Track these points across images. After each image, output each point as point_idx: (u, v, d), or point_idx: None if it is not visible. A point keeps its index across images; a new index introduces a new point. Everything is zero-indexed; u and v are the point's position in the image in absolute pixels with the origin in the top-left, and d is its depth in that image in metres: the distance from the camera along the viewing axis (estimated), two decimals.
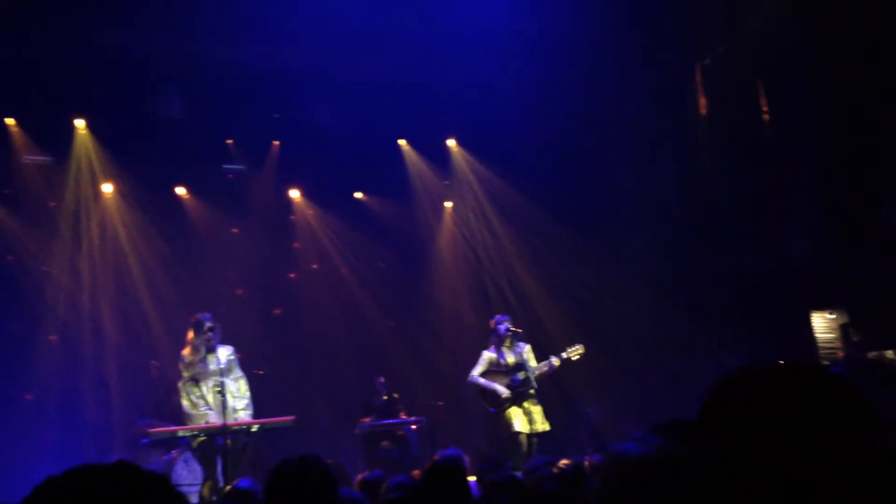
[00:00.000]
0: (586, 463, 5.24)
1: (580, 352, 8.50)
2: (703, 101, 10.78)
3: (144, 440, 7.89)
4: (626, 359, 10.95)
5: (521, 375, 8.19)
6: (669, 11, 9.99)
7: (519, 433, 8.07)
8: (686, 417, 2.81)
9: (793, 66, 9.78)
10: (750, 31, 10.09)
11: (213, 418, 7.50)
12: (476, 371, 8.31)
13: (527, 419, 8.12)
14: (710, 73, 10.75)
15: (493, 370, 8.29)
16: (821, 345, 9.69)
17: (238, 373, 7.87)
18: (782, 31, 9.70)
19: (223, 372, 7.56)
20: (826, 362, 9.33)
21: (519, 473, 4.87)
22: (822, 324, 9.80)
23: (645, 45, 10.41)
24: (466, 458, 4.50)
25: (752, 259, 10.26)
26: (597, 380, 10.44)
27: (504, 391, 8.16)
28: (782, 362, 1.29)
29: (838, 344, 9.61)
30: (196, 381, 7.67)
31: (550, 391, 9.41)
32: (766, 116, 10.09)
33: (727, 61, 10.50)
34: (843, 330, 9.53)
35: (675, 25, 10.21)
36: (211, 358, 7.66)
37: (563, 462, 3.77)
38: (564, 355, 8.43)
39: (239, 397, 7.72)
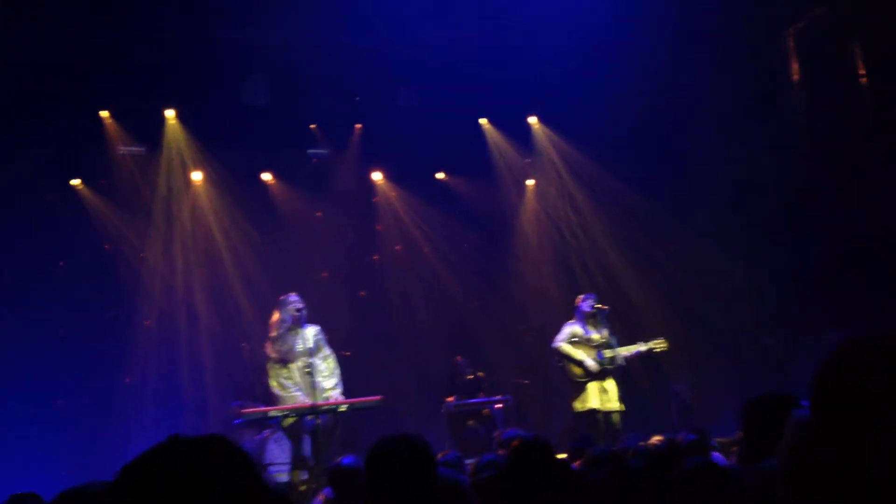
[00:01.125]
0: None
1: (664, 346, 8.40)
2: (795, 67, 10.35)
3: (237, 420, 8.09)
4: (717, 335, 10.69)
5: (606, 353, 8.08)
6: None
7: (595, 410, 7.97)
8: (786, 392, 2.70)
9: (893, 28, 9.27)
10: None
11: (302, 399, 7.61)
12: (560, 338, 8.22)
13: (605, 397, 8.02)
14: (803, 37, 10.30)
15: (577, 342, 8.19)
16: None
17: (326, 351, 7.96)
18: None
19: (311, 352, 7.67)
20: None
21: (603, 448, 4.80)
22: None
23: (732, 10, 10.04)
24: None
25: (849, 231, 9.84)
26: (687, 357, 10.21)
27: (592, 363, 8.06)
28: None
29: None
30: (284, 361, 7.79)
31: (639, 368, 9.26)
32: (864, 81, 9.61)
33: (822, 24, 10.04)
34: None
35: None
36: (298, 336, 7.77)
37: (656, 438, 3.68)
38: (648, 346, 8.32)
39: (328, 376, 7.82)
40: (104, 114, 10.46)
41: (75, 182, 10.68)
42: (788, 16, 10.36)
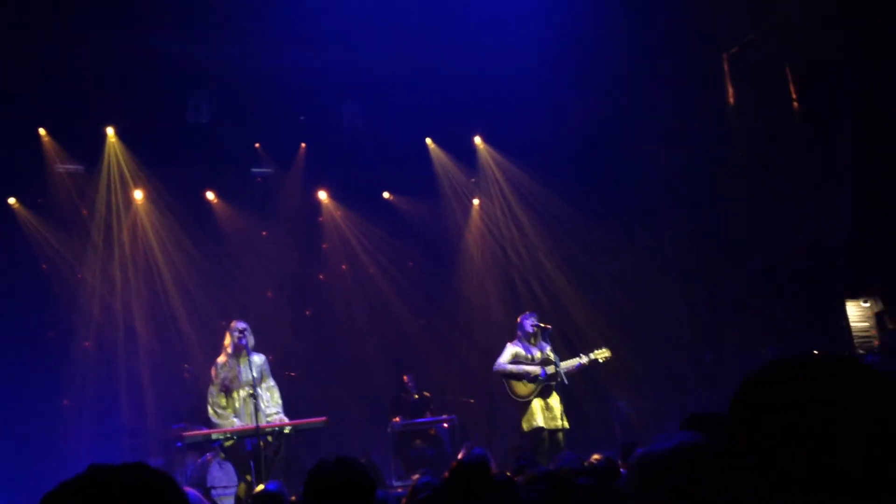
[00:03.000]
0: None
1: (607, 355, 8.50)
2: (731, 90, 10.65)
3: (179, 444, 7.95)
4: (657, 351, 10.87)
5: (549, 369, 8.16)
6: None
7: (542, 428, 8.03)
8: (717, 411, 2.78)
9: (822, 52, 9.62)
10: (777, 17, 9.95)
11: (238, 424, 7.52)
12: (502, 359, 8.28)
13: (549, 415, 8.09)
14: (737, 61, 10.61)
15: (519, 362, 8.26)
16: (856, 333, 9.52)
17: (270, 382, 7.89)
18: (810, 17, 9.55)
19: (255, 381, 7.58)
20: (861, 351, 9.18)
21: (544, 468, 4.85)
22: (856, 312, 9.63)
23: (671, 35, 10.30)
24: (491, 460, 4.46)
25: (785, 248, 10.13)
26: (627, 373, 10.37)
27: (534, 369, 8.12)
28: (816, 353, 1.27)
29: (873, 332, 9.45)
30: (227, 389, 7.67)
31: (580, 384, 9.37)
32: (795, 104, 9.94)
33: (755, 49, 10.36)
34: (879, 318, 9.37)
35: (701, 14, 10.10)
36: (244, 365, 7.67)
37: (595, 457, 3.73)
38: (592, 356, 8.41)
39: (271, 405, 7.74)
40: (42, 131, 10.26)
41: (11, 201, 10.44)
42: (724, 40, 10.66)
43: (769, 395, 1.21)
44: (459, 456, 3.09)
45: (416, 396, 10.32)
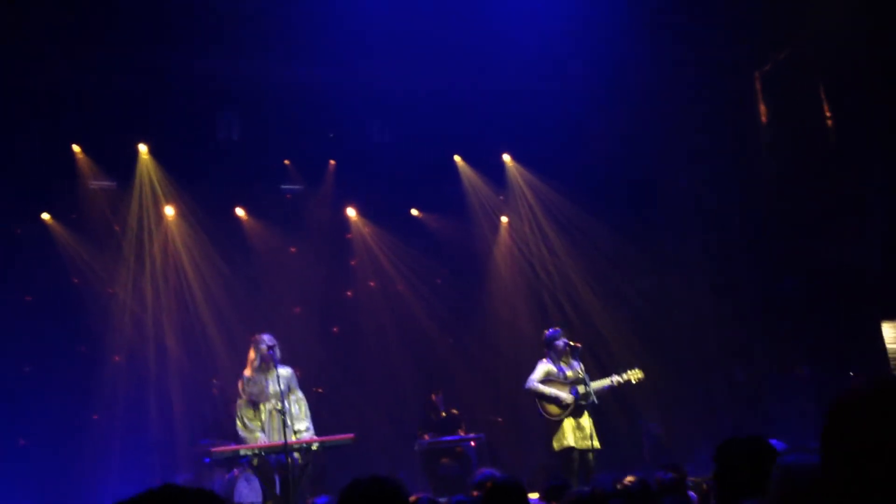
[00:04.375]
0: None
1: (640, 376, 8.40)
2: (763, 109, 10.56)
3: (207, 459, 7.96)
4: (688, 371, 10.74)
5: (580, 389, 8.08)
6: (726, 17, 9.82)
7: (572, 448, 7.95)
8: (752, 432, 2.72)
9: (856, 69, 9.51)
10: (810, 34, 9.86)
11: (264, 440, 7.52)
12: (534, 377, 8.20)
13: (580, 434, 8.00)
14: (770, 79, 10.53)
15: (551, 380, 8.19)
16: (892, 355, 9.36)
17: (298, 394, 7.88)
18: (844, 34, 9.45)
19: (283, 394, 7.58)
20: None
21: (579, 490, 4.77)
22: (893, 334, 9.46)
23: (702, 52, 10.25)
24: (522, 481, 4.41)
25: (819, 268, 9.98)
26: (658, 393, 10.25)
27: (567, 397, 8.05)
28: None
29: None
30: (254, 403, 7.68)
31: (610, 404, 9.27)
32: (829, 122, 9.82)
33: (788, 67, 10.27)
34: None
35: (732, 31, 10.04)
36: (271, 378, 7.68)
37: (629, 479, 3.67)
38: (624, 377, 8.32)
39: (299, 419, 7.73)
40: (76, 148, 10.40)
41: (45, 216, 10.57)
42: (756, 58, 10.59)
43: (866, 416, 1.16)
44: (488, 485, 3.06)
45: (444, 414, 10.27)
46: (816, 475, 1.49)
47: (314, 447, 7.50)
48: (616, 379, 8.29)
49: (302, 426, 7.68)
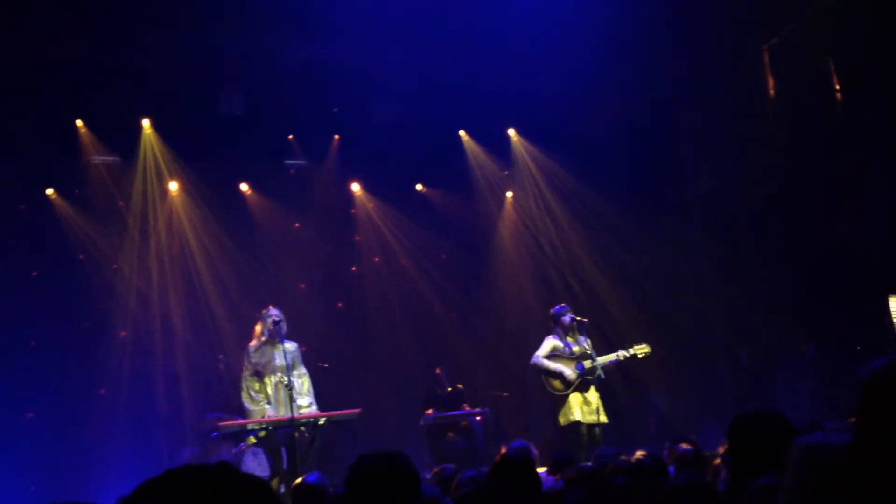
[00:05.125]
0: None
1: (646, 351, 8.41)
2: (771, 83, 10.46)
3: (214, 433, 8.00)
4: (694, 348, 10.74)
5: (586, 364, 8.09)
6: None
7: (579, 423, 7.97)
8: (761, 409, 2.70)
9: (865, 43, 9.40)
10: (819, 7, 9.74)
11: (271, 412, 7.57)
12: (540, 353, 8.22)
13: (587, 409, 8.03)
14: (777, 53, 10.41)
15: (557, 355, 8.20)
16: None
17: (302, 370, 7.93)
18: (853, 5, 9.33)
19: (288, 367, 7.61)
20: None
21: (585, 465, 4.78)
22: None
23: (709, 27, 10.14)
24: (534, 449, 4.40)
25: (825, 243, 9.92)
26: (664, 369, 10.25)
27: (571, 373, 8.06)
28: None
29: None
30: (259, 375, 7.75)
31: (616, 379, 9.29)
32: (838, 96, 9.73)
33: (796, 40, 10.15)
34: None
35: (740, 4, 9.92)
36: (277, 351, 7.72)
37: (640, 453, 3.66)
38: (631, 352, 8.32)
39: (303, 394, 7.78)
40: (79, 123, 10.35)
41: (49, 191, 10.54)
42: (763, 32, 10.47)
43: None
44: (502, 450, 3.06)
45: (449, 389, 10.29)
46: (840, 457, 1.46)
47: (321, 422, 7.54)
48: (622, 353, 8.32)
49: (305, 402, 7.74)
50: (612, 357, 8.31)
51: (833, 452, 1.46)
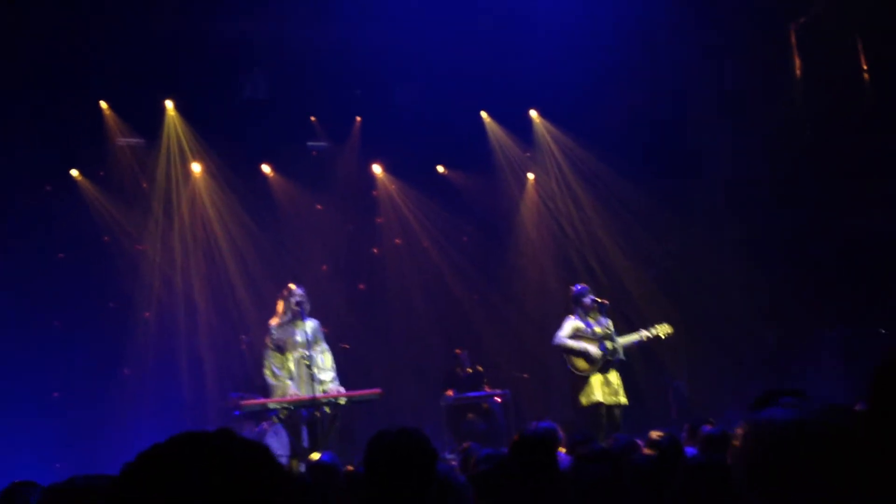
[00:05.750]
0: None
1: (668, 331, 8.33)
2: (798, 63, 10.30)
3: (236, 412, 8.08)
4: (715, 330, 10.66)
5: (608, 345, 8.06)
6: None
7: (599, 404, 7.95)
8: (792, 388, 2.67)
9: (894, 23, 9.22)
10: None
11: (294, 389, 7.62)
12: (562, 333, 8.19)
13: (608, 390, 8.00)
14: (805, 33, 10.25)
15: (580, 336, 8.17)
16: None
17: (324, 346, 7.97)
18: None
19: (309, 344, 7.66)
20: None
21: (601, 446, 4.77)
22: None
23: (735, 6, 10.00)
24: (560, 432, 4.39)
25: (851, 226, 9.80)
26: (685, 351, 10.21)
27: (596, 351, 8.03)
28: None
29: None
30: (280, 349, 7.80)
31: (638, 362, 9.25)
32: (866, 77, 9.57)
33: (824, 20, 9.99)
34: None
35: None
36: (298, 328, 7.77)
37: (656, 434, 3.64)
38: (653, 332, 8.26)
39: (325, 370, 7.82)
40: (103, 105, 10.43)
41: (74, 173, 10.64)
42: (790, 10, 10.31)
43: None
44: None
45: (470, 371, 10.31)
46: (787, 434, 1.44)
47: (342, 401, 7.58)
48: (645, 334, 8.25)
49: (328, 377, 7.79)
50: (634, 337, 8.25)
51: (780, 429, 1.44)
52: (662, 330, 8.30)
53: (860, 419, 1.39)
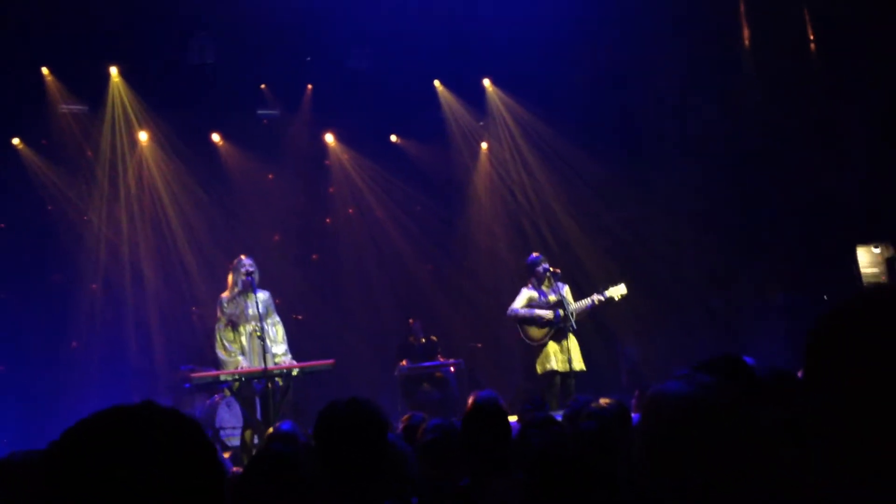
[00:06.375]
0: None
1: (622, 292, 8.34)
2: (746, 33, 10.41)
3: (187, 385, 8.00)
4: (666, 297, 10.82)
5: (561, 312, 8.13)
6: None
7: (555, 372, 8.03)
8: (731, 353, 2.73)
9: None
10: None
11: (245, 364, 7.58)
12: (516, 304, 8.25)
13: (564, 357, 8.07)
14: (753, 2, 10.35)
15: (534, 306, 8.23)
16: (866, 279, 9.45)
17: (275, 318, 7.93)
18: None
19: (261, 316, 7.60)
20: None
21: (558, 413, 4.83)
22: (867, 258, 9.54)
23: None
24: (501, 399, 4.45)
25: (798, 193, 10.00)
26: (636, 318, 10.35)
27: (547, 313, 8.09)
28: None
29: (883, 278, 9.37)
30: (233, 324, 7.74)
31: (589, 330, 9.35)
32: (813, 46, 9.71)
33: None
34: (889, 264, 9.28)
35: None
36: (250, 301, 7.70)
37: (605, 400, 3.69)
38: (607, 294, 8.32)
39: (277, 342, 7.79)
40: (45, 71, 10.11)
41: (15, 141, 10.34)
42: None
43: (859, 334, 1.06)
44: (469, 400, 3.08)
45: (423, 340, 10.34)
46: (682, 406, 1.48)
47: (294, 373, 7.55)
48: (597, 297, 8.28)
49: (280, 350, 7.76)
50: (586, 302, 8.28)
51: (677, 402, 1.48)
52: (617, 292, 8.32)
53: (739, 395, 1.44)
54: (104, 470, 1.13)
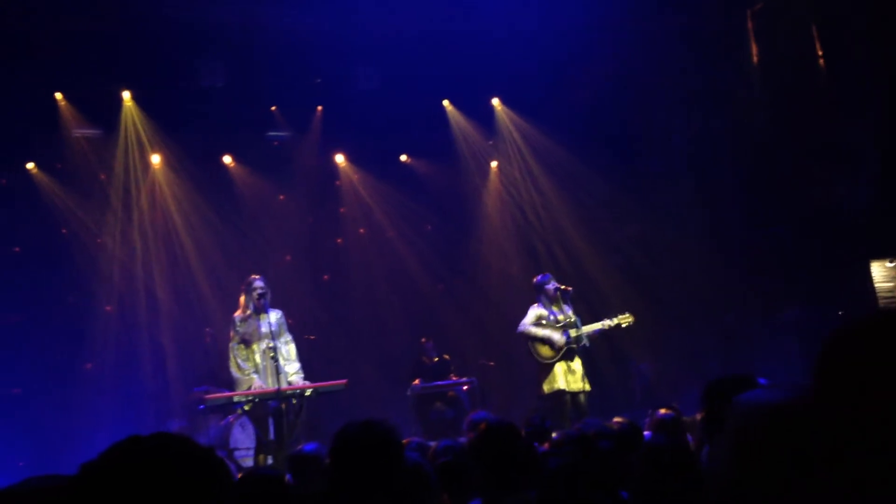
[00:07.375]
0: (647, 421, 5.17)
1: (630, 320, 8.45)
2: (754, 49, 10.43)
3: (201, 406, 8.02)
4: (678, 314, 10.80)
5: (572, 332, 8.13)
6: None
7: (563, 391, 8.03)
8: (743, 374, 2.73)
9: (849, 8, 9.38)
10: None
11: (259, 382, 7.59)
12: (526, 321, 8.27)
13: (571, 377, 8.09)
14: (761, 18, 10.37)
15: (543, 324, 8.24)
16: (880, 294, 9.41)
17: (288, 336, 7.95)
18: None
19: (274, 335, 7.62)
20: None
21: (568, 431, 4.82)
22: (881, 273, 9.50)
23: None
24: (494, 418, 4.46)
25: (809, 208, 9.98)
26: (648, 336, 10.32)
27: (560, 338, 8.11)
28: None
29: None
30: (246, 343, 7.76)
31: (601, 347, 9.34)
32: (822, 62, 9.72)
33: (779, 5, 10.12)
34: None
35: None
36: (262, 320, 7.73)
37: (617, 420, 3.68)
38: (615, 321, 8.37)
39: (290, 361, 7.80)
40: (58, 96, 10.22)
41: (30, 166, 10.44)
42: None
43: (869, 352, 1.07)
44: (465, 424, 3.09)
45: (436, 359, 10.33)
46: (774, 413, 1.44)
47: (307, 393, 7.56)
48: (607, 323, 8.36)
49: (293, 368, 7.77)
50: (597, 326, 8.36)
51: (768, 410, 1.44)
52: (625, 320, 8.42)
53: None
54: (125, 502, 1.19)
